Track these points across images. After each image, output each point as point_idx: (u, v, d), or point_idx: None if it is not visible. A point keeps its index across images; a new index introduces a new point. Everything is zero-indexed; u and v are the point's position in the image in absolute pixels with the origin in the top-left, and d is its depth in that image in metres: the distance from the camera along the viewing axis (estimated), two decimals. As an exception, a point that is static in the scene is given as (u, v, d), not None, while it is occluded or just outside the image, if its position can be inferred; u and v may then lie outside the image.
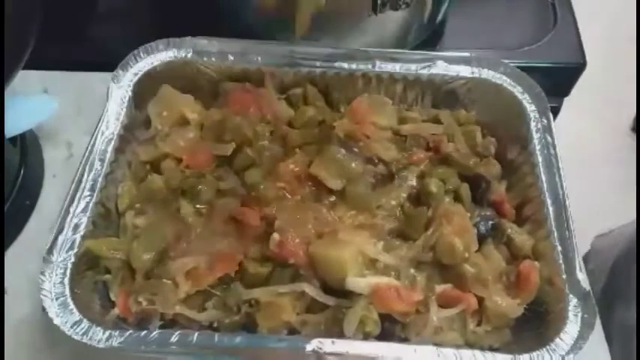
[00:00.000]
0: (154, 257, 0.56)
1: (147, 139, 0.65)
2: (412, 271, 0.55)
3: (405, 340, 0.54)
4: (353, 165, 0.60)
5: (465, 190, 0.60)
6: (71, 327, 0.50)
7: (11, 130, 0.64)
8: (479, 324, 0.55)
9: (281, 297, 0.54)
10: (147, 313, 0.55)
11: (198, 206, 0.59)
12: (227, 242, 0.56)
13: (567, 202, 0.58)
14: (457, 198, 0.60)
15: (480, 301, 0.55)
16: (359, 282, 0.52)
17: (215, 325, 0.55)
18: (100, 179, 0.58)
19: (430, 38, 0.82)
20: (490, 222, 0.59)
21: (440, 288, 0.55)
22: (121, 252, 0.56)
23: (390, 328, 0.53)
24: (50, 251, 0.54)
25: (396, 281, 0.54)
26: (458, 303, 0.54)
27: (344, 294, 0.53)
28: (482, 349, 0.52)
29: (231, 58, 0.67)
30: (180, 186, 0.59)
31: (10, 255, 0.64)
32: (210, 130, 0.64)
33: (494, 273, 0.56)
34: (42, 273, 0.52)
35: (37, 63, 0.66)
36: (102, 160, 0.59)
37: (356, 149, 0.61)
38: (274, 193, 0.58)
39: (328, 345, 0.49)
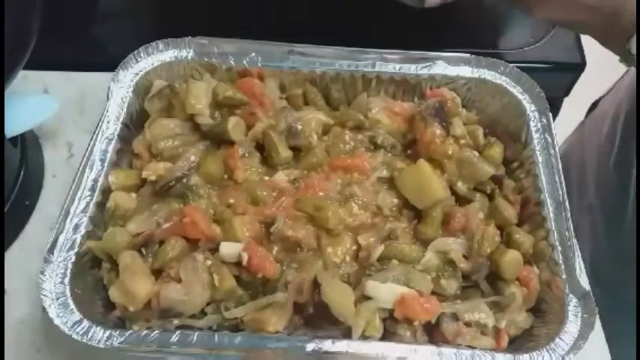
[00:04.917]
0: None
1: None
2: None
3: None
4: None
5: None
6: (71, 327, 0.50)
7: (11, 130, 0.64)
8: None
9: (263, 311, 0.53)
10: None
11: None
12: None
13: (567, 202, 0.58)
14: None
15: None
16: (382, 290, 0.52)
17: (214, 327, 0.55)
18: (100, 179, 0.58)
19: (430, 38, 0.82)
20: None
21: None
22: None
23: (392, 327, 0.53)
24: (51, 251, 0.54)
25: (422, 291, 0.53)
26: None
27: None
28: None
29: (231, 58, 0.67)
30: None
31: (10, 255, 0.64)
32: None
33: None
34: (42, 273, 0.52)
35: (37, 63, 0.66)
36: (102, 160, 0.60)
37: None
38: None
39: (328, 345, 0.49)
